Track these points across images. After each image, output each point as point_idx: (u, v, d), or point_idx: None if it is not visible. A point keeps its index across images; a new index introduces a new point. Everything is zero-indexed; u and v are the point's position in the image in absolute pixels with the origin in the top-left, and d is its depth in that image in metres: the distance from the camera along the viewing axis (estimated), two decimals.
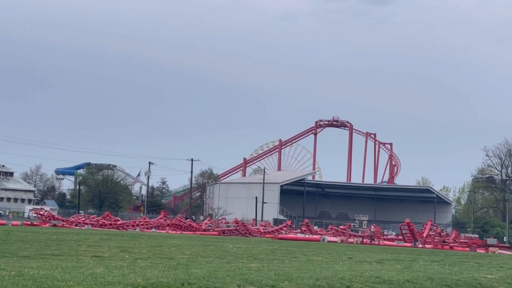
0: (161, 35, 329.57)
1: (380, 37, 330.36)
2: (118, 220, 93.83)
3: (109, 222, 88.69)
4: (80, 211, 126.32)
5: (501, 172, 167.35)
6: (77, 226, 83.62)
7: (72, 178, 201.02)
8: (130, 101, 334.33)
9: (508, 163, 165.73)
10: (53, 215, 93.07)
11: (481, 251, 74.35)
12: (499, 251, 75.20)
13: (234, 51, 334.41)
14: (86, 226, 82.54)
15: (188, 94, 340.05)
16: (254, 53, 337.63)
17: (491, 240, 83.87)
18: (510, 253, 77.84)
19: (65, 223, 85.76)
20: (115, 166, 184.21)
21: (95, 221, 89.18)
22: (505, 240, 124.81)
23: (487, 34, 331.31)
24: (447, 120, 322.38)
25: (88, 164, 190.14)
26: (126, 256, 28.26)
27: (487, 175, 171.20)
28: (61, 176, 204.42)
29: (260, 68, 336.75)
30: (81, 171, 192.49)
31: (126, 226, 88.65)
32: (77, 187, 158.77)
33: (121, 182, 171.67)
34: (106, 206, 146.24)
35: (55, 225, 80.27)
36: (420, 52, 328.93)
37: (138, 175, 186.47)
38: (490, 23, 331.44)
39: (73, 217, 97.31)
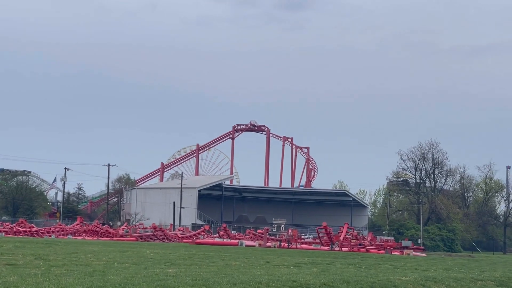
0: (76, 39, 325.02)
1: (295, 42, 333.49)
2: (33, 227, 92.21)
3: (24, 229, 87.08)
4: None
5: (415, 175, 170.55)
6: None
7: None
8: (45, 106, 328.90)
9: (422, 167, 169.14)
10: None
11: (396, 253, 75.71)
12: (414, 253, 76.74)
13: (150, 56, 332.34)
14: None
15: (104, 99, 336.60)
16: (171, 58, 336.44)
17: (406, 243, 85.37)
18: (424, 255, 79.50)
19: None
20: (29, 172, 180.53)
21: (9, 228, 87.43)
22: (419, 242, 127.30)
23: (398, 40, 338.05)
24: (362, 125, 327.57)
25: (2, 170, 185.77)
26: (41, 263, 27.72)
27: (401, 179, 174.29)
28: None
29: (176, 73, 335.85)
30: None
31: (41, 233, 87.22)
32: None
33: (36, 188, 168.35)
34: (21, 212, 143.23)
35: None
36: (334, 57, 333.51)
37: (54, 181, 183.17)
38: (400, 29, 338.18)
39: None
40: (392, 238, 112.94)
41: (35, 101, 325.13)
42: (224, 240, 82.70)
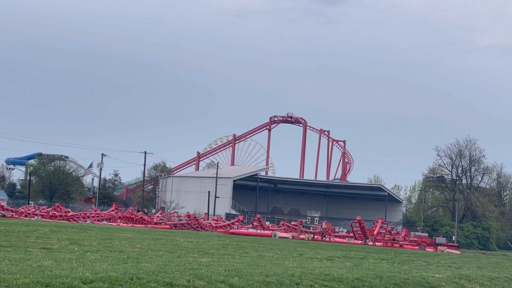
0: (115, 28, 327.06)
1: (333, 36, 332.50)
2: (69, 212, 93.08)
3: (60, 214, 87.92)
4: (30, 202, 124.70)
5: (451, 172, 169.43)
6: (26, 217, 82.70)
7: (23, 168, 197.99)
8: (83, 93, 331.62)
9: (459, 163, 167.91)
10: (2, 206, 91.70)
11: (430, 249, 75.22)
12: (448, 250, 76.20)
13: (188, 46, 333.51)
14: (36, 217, 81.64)
15: (142, 87, 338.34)
16: (208, 48, 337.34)
17: (440, 239, 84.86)
18: (458, 252, 78.93)
19: (14, 213, 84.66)
20: (67, 157, 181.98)
21: (45, 212, 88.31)
22: (453, 239, 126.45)
23: (437, 36, 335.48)
24: (399, 120, 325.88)
25: (40, 154, 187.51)
26: (76, 248, 27.99)
27: (437, 175, 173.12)
28: (11, 166, 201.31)
29: (214, 64, 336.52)
30: (32, 161, 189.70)
31: (77, 218, 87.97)
32: (28, 177, 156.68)
33: (73, 173, 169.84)
34: (57, 197, 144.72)
35: (4, 216, 79.11)
36: (372, 52, 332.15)
37: (90, 166, 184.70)
38: (440, 26, 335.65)
39: (22, 208, 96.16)
40: (426, 234, 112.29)
41: (74, 87, 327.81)
42: (258, 231, 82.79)
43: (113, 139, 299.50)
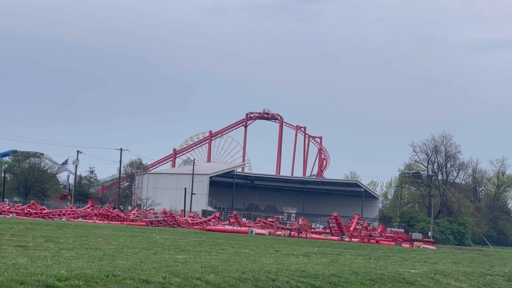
0: (94, 21, 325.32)
1: (309, 32, 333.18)
2: (44, 209, 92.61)
3: (35, 211, 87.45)
4: (5, 199, 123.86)
5: (427, 167, 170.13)
6: (1, 214, 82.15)
7: None
8: (58, 88, 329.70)
9: (434, 159, 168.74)
10: None
11: (406, 245, 75.59)
12: (424, 245, 76.63)
13: (165, 42, 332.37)
14: (10, 214, 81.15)
15: (119, 83, 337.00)
16: (183, 45, 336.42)
17: (416, 235, 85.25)
18: (434, 247, 79.35)
19: None
20: (42, 154, 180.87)
21: (20, 210, 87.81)
22: (429, 235, 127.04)
23: (413, 32, 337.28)
24: (375, 116, 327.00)
25: (15, 151, 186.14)
26: (51, 246, 27.82)
27: (413, 171, 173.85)
28: None
29: (190, 60, 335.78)
30: (6, 158, 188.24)
31: (52, 215, 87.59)
32: (2, 174, 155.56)
33: (48, 170, 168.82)
34: (32, 194, 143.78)
35: None
36: (348, 48, 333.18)
37: (65, 163, 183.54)
38: (415, 22, 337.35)
39: None
40: (403, 230, 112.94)
41: (49, 83, 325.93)
42: (234, 227, 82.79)
43: (89, 136, 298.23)
